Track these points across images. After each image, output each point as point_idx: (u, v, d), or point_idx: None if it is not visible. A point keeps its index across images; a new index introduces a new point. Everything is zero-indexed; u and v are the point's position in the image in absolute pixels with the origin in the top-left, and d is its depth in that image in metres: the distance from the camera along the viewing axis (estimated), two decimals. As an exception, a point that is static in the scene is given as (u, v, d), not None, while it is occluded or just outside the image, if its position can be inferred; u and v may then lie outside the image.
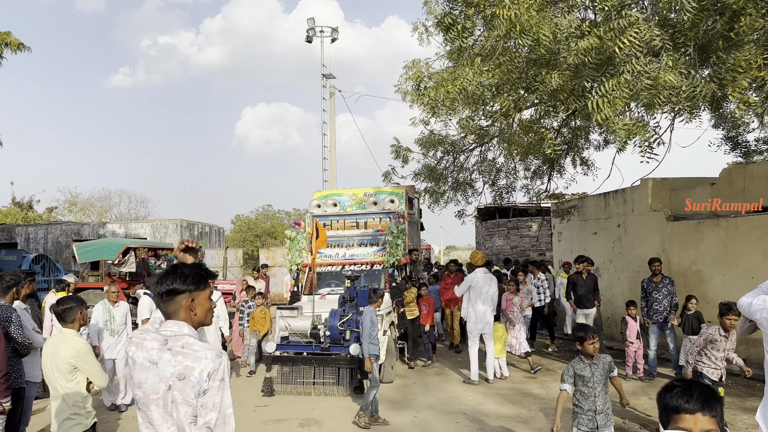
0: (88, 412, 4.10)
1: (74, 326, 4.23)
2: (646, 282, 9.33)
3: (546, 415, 7.28)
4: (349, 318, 8.27)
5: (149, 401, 2.25)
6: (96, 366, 4.15)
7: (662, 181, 11.68)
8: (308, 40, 21.19)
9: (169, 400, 2.21)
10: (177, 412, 2.19)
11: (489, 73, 5.92)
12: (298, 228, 10.18)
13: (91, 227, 23.74)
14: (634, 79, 4.80)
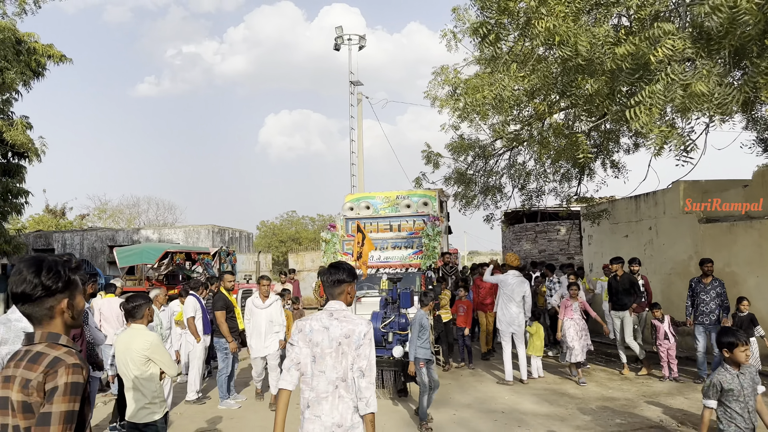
0: (161, 401, 4.39)
1: (143, 321, 4.53)
2: (695, 282, 9.13)
3: (583, 413, 7.41)
4: (392, 320, 8.24)
5: (324, 354, 3.27)
6: (167, 356, 4.44)
7: (694, 184, 11.71)
8: (336, 48, 21.57)
9: (339, 352, 3.23)
10: (345, 359, 3.23)
11: (525, 79, 6.11)
12: (333, 230, 10.21)
13: (126, 233, 24.38)
14: (668, 87, 4.95)
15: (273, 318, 7.97)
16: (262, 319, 7.92)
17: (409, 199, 10.83)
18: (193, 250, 16.16)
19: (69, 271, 2.11)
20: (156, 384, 4.33)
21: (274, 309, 8.02)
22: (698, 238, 11.19)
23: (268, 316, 7.94)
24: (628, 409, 7.59)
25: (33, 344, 2.04)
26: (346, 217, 10.65)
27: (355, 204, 10.86)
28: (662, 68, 4.99)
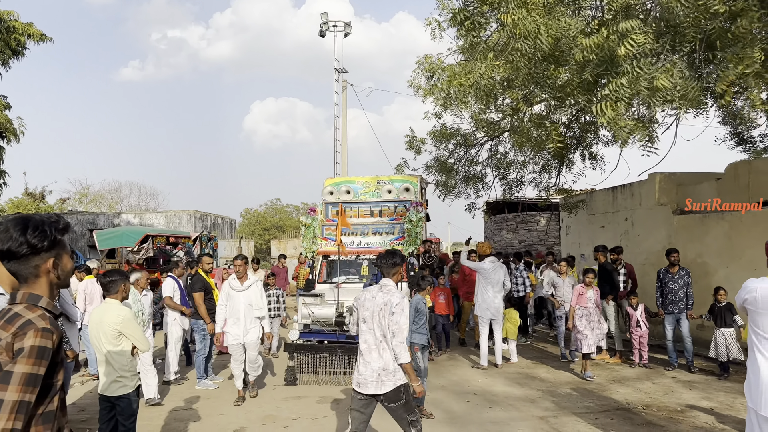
0: (133, 375, 4.45)
1: (117, 297, 4.58)
2: (662, 272, 9.37)
3: (553, 396, 7.60)
4: None
5: (372, 316, 4.43)
6: (139, 331, 4.50)
7: (669, 176, 11.94)
8: (321, 35, 21.51)
9: (380, 316, 4.38)
10: (384, 321, 4.37)
11: (500, 68, 6.21)
12: (314, 215, 10.05)
13: (106, 217, 24.21)
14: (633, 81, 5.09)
15: (252, 301, 7.38)
16: (240, 303, 7.34)
17: (390, 184, 10.62)
18: (174, 234, 16.12)
19: (56, 231, 2.12)
20: (127, 358, 4.39)
21: (253, 292, 7.43)
22: (672, 229, 11.43)
23: (246, 299, 7.35)
24: (597, 392, 7.79)
25: (14, 304, 2.07)
26: (325, 201, 10.47)
27: (335, 188, 10.67)
28: (628, 62, 5.12)
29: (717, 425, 6.29)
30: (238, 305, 7.35)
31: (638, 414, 6.75)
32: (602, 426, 6.32)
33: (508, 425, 6.42)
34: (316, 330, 8.39)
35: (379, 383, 4.33)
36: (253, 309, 7.41)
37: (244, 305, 7.34)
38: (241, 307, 7.34)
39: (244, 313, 7.35)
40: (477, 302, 9.55)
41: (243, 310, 7.34)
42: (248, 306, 7.37)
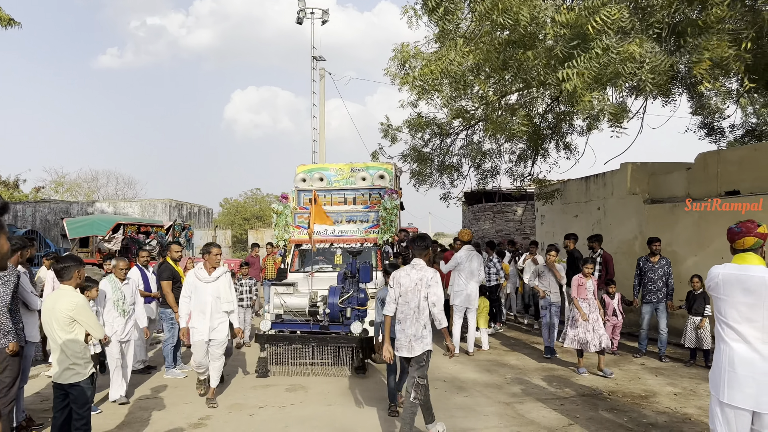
0: (86, 362, 4.38)
1: (71, 283, 4.48)
2: (642, 261, 9.24)
3: (520, 382, 7.66)
4: (350, 295, 7.90)
5: (407, 291, 5.28)
6: (93, 318, 4.42)
7: (641, 166, 12.06)
8: (298, 22, 21.30)
9: (416, 290, 5.22)
10: (419, 294, 5.21)
11: (470, 55, 6.18)
12: (286, 202, 9.79)
13: (80, 206, 23.83)
14: (604, 54, 5.09)
15: (221, 294, 6.71)
16: (207, 295, 6.66)
17: (364, 171, 10.38)
18: (146, 222, 15.92)
19: None
20: (80, 345, 4.31)
21: (222, 283, 6.74)
22: (643, 218, 11.56)
23: (214, 291, 6.67)
24: (564, 378, 7.87)
25: None
26: (298, 188, 10.23)
27: (307, 175, 10.38)
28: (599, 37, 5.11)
29: (679, 410, 6.39)
30: (204, 298, 6.68)
31: (603, 400, 6.83)
32: (566, 412, 6.38)
33: (473, 411, 6.45)
34: (288, 320, 8.15)
35: (410, 348, 5.22)
36: (221, 302, 6.73)
37: (211, 298, 6.68)
38: (207, 300, 6.67)
39: (211, 306, 6.67)
40: (452, 290, 9.51)
41: (210, 303, 6.66)
42: (216, 299, 6.71)
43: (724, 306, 3.69)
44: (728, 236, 3.88)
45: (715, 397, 3.68)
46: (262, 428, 5.96)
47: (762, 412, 3.50)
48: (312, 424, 6.05)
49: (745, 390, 3.54)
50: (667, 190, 11.53)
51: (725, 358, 3.65)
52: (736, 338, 3.64)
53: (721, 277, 3.70)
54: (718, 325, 3.77)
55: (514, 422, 6.05)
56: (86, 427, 4.29)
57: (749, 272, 3.63)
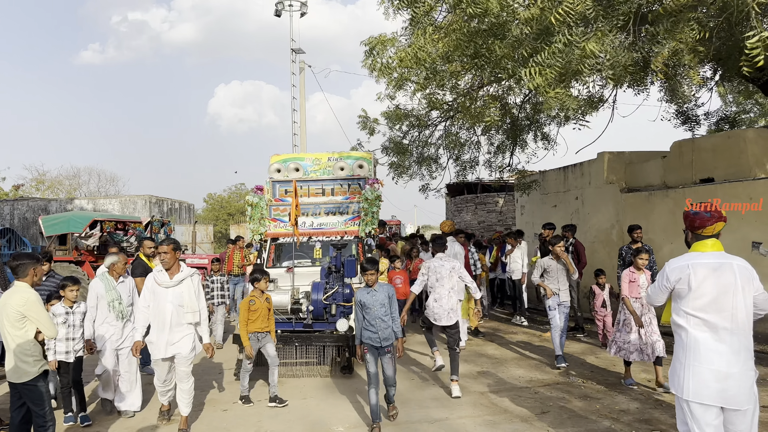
0: (36, 360, 4.29)
1: (27, 280, 4.39)
2: (624, 250, 8.94)
3: (497, 372, 7.69)
4: (335, 291, 7.47)
5: (443, 276, 6.81)
6: (44, 315, 4.32)
7: (617, 155, 12.12)
8: (277, 14, 21.11)
9: (450, 276, 6.82)
10: (452, 279, 6.84)
11: (440, 42, 6.15)
12: (261, 194, 9.37)
13: (59, 203, 23.53)
14: (566, 49, 5.08)
15: (185, 301, 5.53)
16: (166, 303, 5.50)
17: (343, 161, 9.88)
18: (123, 219, 15.73)
19: None
20: (30, 343, 4.23)
21: (186, 288, 5.57)
22: (620, 207, 11.62)
23: (176, 298, 5.53)
24: (540, 367, 7.91)
25: None
26: (272, 179, 9.70)
27: (282, 165, 9.84)
28: (562, 30, 5.10)
29: (652, 396, 6.44)
30: (164, 306, 5.51)
31: (577, 387, 6.87)
32: (540, 400, 6.41)
33: (448, 401, 6.46)
34: None
35: (448, 318, 6.74)
36: (185, 311, 5.54)
37: (171, 306, 5.51)
38: (167, 309, 5.50)
39: (173, 316, 5.51)
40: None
41: (171, 312, 5.50)
42: (178, 307, 5.54)
43: (691, 297, 3.49)
44: (694, 222, 3.64)
45: (680, 397, 3.49)
46: (235, 423, 5.92)
47: (730, 408, 3.36)
48: (285, 417, 6.02)
49: (711, 385, 3.38)
50: (644, 179, 11.60)
51: (689, 352, 3.47)
52: (704, 329, 3.46)
53: (691, 268, 3.48)
54: (679, 318, 3.56)
55: (488, 411, 6.07)
56: (46, 426, 4.22)
57: (719, 259, 3.50)
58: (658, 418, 5.69)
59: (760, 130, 10.07)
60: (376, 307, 5.61)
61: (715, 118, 11.24)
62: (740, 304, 3.43)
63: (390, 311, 5.69)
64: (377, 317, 5.60)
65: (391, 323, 5.67)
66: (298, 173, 9.84)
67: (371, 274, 5.69)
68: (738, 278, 3.45)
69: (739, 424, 3.39)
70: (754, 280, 3.50)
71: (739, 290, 3.43)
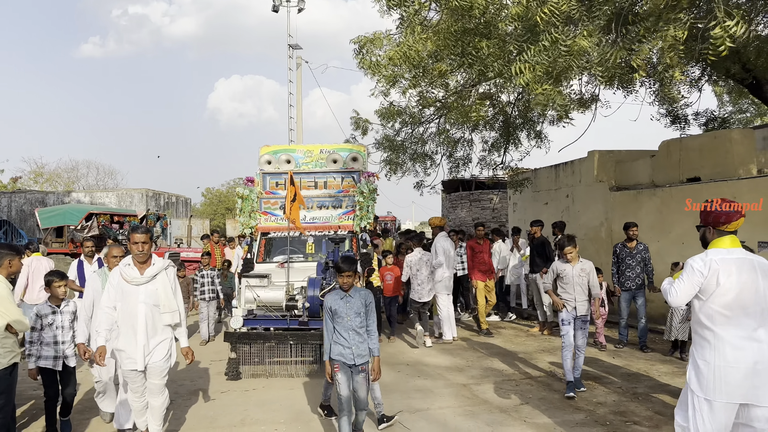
0: (7, 351, 4.31)
1: (2, 272, 4.46)
2: (618, 247, 8.95)
3: (481, 365, 7.85)
4: (333, 287, 6.81)
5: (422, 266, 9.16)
6: (13, 308, 4.34)
7: (608, 154, 12.26)
8: (274, 10, 21.19)
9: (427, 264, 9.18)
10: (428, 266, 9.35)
11: (429, 41, 6.28)
12: (251, 185, 9.15)
13: (56, 196, 23.66)
14: (552, 47, 5.21)
15: (160, 300, 4.73)
16: (138, 303, 4.66)
17: (336, 153, 9.56)
18: (118, 212, 15.88)
19: None
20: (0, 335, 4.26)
21: (161, 284, 4.76)
22: (609, 205, 11.78)
23: (150, 296, 4.69)
24: (524, 361, 8.07)
25: None
26: (263, 171, 9.44)
27: (273, 157, 9.53)
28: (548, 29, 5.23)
29: (629, 390, 6.60)
30: (134, 307, 4.66)
31: (558, 381, 7.03)
32: (520, 392, 6.57)
33: (431, 392, 6.62)
34: (262, 316, 7.47)
35: (428, 296, 8.51)
36: (162, 312, 4.76)
37: (145, 307, 4.68)
38: (140, 311, 4.67)
39: (146, 319, 4.68)
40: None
41: (143, 314, 4.67)
42: (153, 308, 4.72)
43: (718, 293, 3.47)
44: (719, 217, 3.62)
45: (702, 396, 3.48)
46: (222, 411, 6.07)
47: (754, 404, 3.37)
48: (271, 407, 6.17)
49: (737, 382, 3.38)
50: (633, 178, 11.75)
51: (714, 351, 3.47)
52: (728, 327, 3.47)
53: (720, 264, 3.48)
54: (704, 316, 3.55)
55: (468, 402, 6.22)
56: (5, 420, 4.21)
57: (740, 255, 3.53)
58: (633, 411, 5.85)
59: (745, 131, 10.23)
60: (350, 317, 4.70)
61: (704, 118, 11.38)
62: (762, 300, 3.44)
63: (366, 323, 4.77)
64: (351, 329, 4.69)
65: (366, 337, 4.77)
66: (290, 165, 9.56)
67: (348, 276, 4.73)
68: (759, 274, 3.47)
69: (765, 423, 3.37)
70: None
71: (761, 286, 3.45)
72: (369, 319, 4.80)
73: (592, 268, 6.75)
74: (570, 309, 6.55)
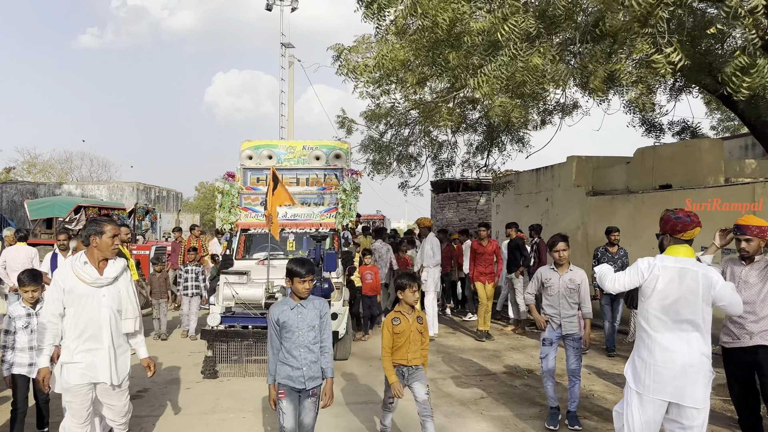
0: None
1: None
2: (600, 252, 8.96)
3: (451, 360, 8.17)
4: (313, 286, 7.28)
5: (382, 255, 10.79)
6: None
7: (586, 159, 12.58)
8: (268, 8, 21.45)
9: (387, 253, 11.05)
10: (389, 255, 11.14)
11: (401, 51, 6.57)
12: (232, 180, 9.02)
13: (47, 188, 23.84)
14: (511, 62, 5.50)
15: (122, 304, 4.14)
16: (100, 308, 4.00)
17: (318, 150, 9.47)
18: (107, 205, 16.09)
19: None
20: None
21: (123, 286, 4.16)
22: (585, 209, 12.10)
23: (112, 300, 4.05)
24: (493, 357, 8.37)
25: None
26: (244, 167, 9.31)
27: (254, 152, 9.38)
28: (509, 45, 5.52)
29: (587, 386, 6.91)
30: (97, 313, 4.00)
31: (521, 377, 7.33)
32: (483, 386, 6.87)
33: (397, 386, 6.89)
34: (240, 314, 7.36)
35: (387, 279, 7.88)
36: (124, 318, 4.16)
37: (108, 312, 4.03)
38: (102, 316, 4.01)
39: (110, 326, 4.03)
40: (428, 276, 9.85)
41: (107, 320, 4.02)
42: (115, 314, 4.09)
43: (655, 297, 3.72)
44: (671, 225, 3.82)
45: (633, 389, 3.78)
46: (195, 400, 6.33)
47: (682, 404, 3.63)
48: (242, 396, 6.44)
49: (667, 382, 3.64)
50: (609, 183, 12.08)
51: (648, 351, 3.73)
52: (663, 330, 3.70)
53: (661, 270, 3.70)
54: (642, 317, 3.81)
55: (432, 396, 6.49)
56: None
57: (686, 265, 3.71)
58: (585, 406, 6.15)
59: (714, 141, 10.56)
60: (303, 331, 3.94)
61: (678, 127, 11.72)
62: (699, 310, 3.65)
63: (321, 338, 4.03)
64: (303, 345, 3.93)
65: (320, 355, 4.02)
66: (272, 161, 9.41)
67: (301, 282, 3.95)
68: (700, 285, 3.65)
69: (692, 421, 3.67)
70: (713, 289, 3.67)
71: (699, 297, 3.64)
72: (324, 334, 4.05)
73: (584, 278, 5.65)
74: (554, 326, 5.62)
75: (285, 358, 3.96)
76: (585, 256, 11.91)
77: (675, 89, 11.05)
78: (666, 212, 3.97)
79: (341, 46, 7.55)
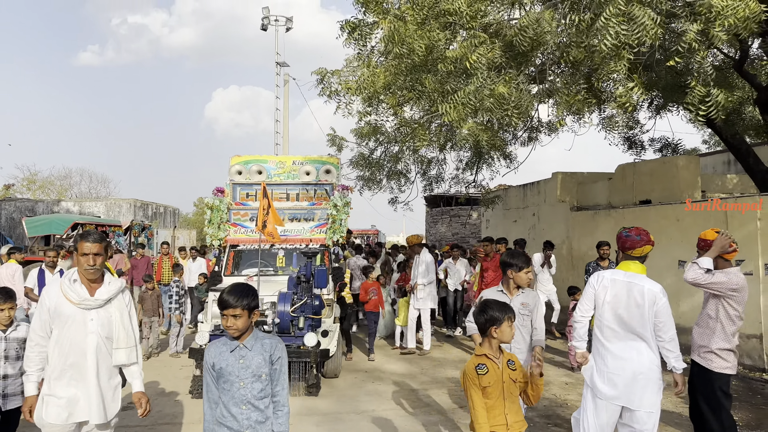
0: None
1: None
2: (592, 266, 8.93)
3: (433, 372, 8.41)
4: (304, 303, 7.02)
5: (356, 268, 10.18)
6: None
7: (570, 175, 12.92)
8: (263, 28, 21.90)
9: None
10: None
11: (381, 75, 6.91)
12: (221, 196, 8.98)
13: (46, 204, 24.14)
14: (478, 90, 5.84)
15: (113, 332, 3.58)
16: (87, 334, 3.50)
17: (309, 165, 9.46)
18: (104, 222, 16.39)
19: None
20: None
21: (116, 310, 3.62)
22: (569, 224, 12.40)
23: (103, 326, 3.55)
24: (475, 370, 8.60)
25: None
26: (233, 182, 9.27)
27: (243, 168, 9.34)
28: (477, 74, 5.86)
29: (561, 396, 7.16)
30: (82, 339, 3.50)
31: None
32: (462, 397, 7.04)
33: (380, 396, 7.15)
34: None
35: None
36: (116, 347, 3.60)
37: (96, 339, 3.52)
38: (90, 344, 3.51)
39: (97, 356, 3.52)
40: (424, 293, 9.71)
41: (93, 349, 3.51)
42: (104, 341, 3.57)
43: (607, 309, 4.01)
44: (622, 243, 4.04)
45: (589, 396, 4.09)
46: (184, 411, 6.57)
47: (632, 408, 3.91)
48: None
49: (618, 387, 3.93)
50: (592, 199, 12.40)
51: (602, 359, 4.03)
52: (614, 340, 3.99)
53: (609, 282, 4.00)
54: (596, 327, 4.11)
55: (412, 405, 6.76)
56: None
57: (635, 280, 3.96)
58: (559, 415, 6.41)
59: (690, 158, 10.89)
60: (246, 381, 3.00)
61: (659, 144, 12.05)
62: (645, 322, 3.91)
63: (272, 390, 3.09)
64: (245, 400, 2.99)
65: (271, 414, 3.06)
66: (261, 176, 9.38)
67: (233, 315, 3.00)
68: (646, 300, 3.90)
69: (642, 425, 3.95)
70: (655, 305, 3.89)
71: (645, 310, 3.90)
72: (277, 385, 3.09)
73: (539, 303, 4.54)
74: None
75: (222, 417, 2.99)
76: (570, 269, 12.23)
77: (654, 108, 11.41)
78: (621, 230, 4.23)
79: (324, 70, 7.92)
